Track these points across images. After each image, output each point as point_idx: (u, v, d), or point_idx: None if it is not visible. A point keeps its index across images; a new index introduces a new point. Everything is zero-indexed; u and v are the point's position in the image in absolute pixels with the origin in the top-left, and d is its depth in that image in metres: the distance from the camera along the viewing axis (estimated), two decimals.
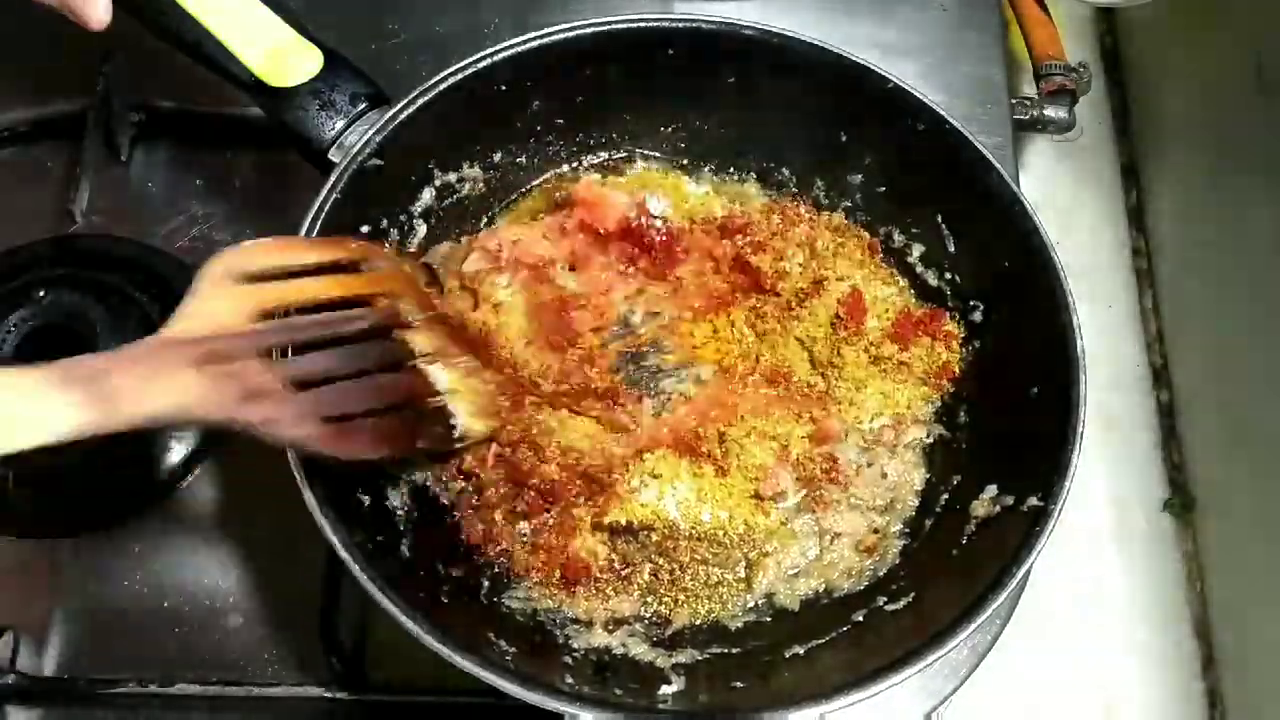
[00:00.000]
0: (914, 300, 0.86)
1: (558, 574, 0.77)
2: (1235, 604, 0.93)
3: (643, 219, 0.84)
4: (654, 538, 0.77)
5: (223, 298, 0.63)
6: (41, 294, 0.88)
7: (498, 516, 0.77)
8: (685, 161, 0.91)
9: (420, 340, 0.72)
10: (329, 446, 0.66)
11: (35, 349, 0.87)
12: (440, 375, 0.72)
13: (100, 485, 0.87)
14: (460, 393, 0.74)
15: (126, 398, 0.57)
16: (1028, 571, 0.66)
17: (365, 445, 0.68)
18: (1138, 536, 0.99)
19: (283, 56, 0.76)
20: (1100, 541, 0.98)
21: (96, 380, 0.56)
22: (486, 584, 0.76)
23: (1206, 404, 1.00)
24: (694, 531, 0.77)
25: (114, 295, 0.90)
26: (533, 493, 0.76)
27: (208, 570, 0.86)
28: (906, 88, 0.80)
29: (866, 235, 0.87)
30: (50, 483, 0.87)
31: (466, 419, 0.74)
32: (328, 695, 0.80)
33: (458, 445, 0.75)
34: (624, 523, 0.77)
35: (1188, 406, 1.02)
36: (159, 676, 0.80)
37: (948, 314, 0.83)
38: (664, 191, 0.89)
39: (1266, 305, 0.90)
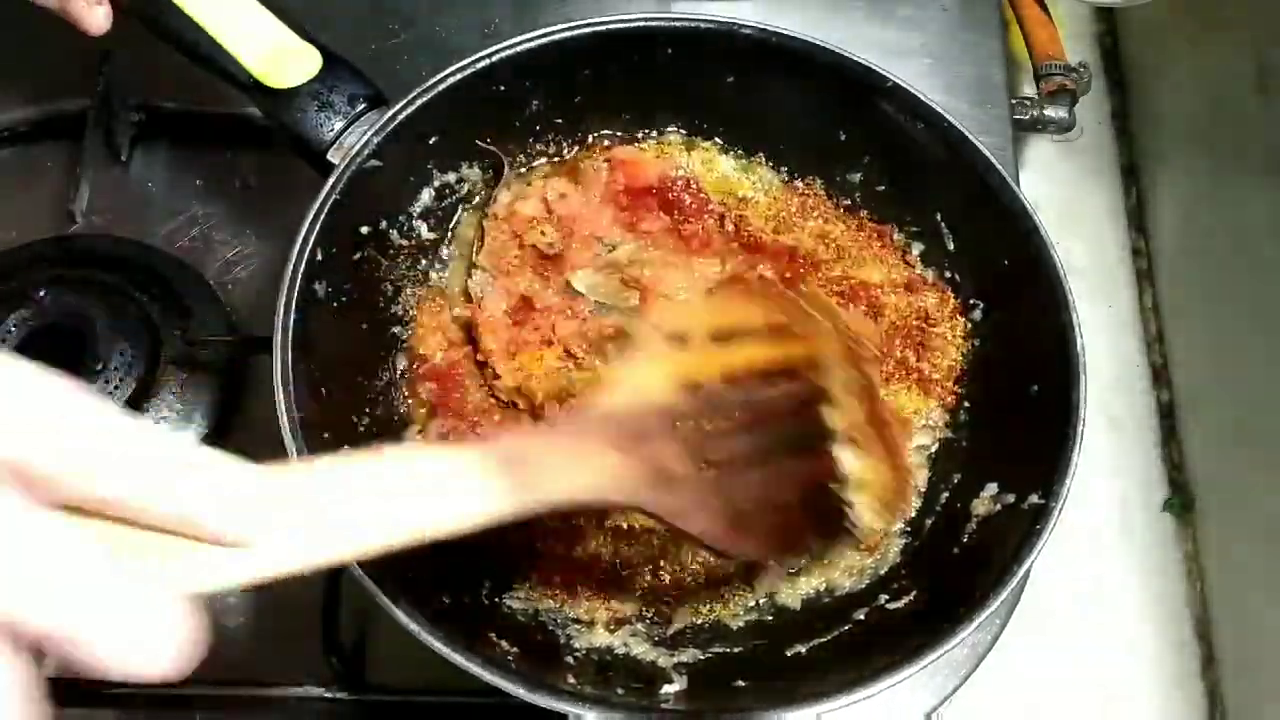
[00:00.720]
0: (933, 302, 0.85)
1: (559, 577, 0.77)
2: (1235, 604, 0.93)
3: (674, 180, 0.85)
4: (655, 541, 0.77)
5: (653, 364, 0.57)
6: (41, 294, 0.88)
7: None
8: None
9: (836, 416, 0.61)
10: (724, 544, 0.58)
11: (35, 349, 0.87)
12: (849, 460, 0.60)
13: None
14: (868, 483, 0.61)
15: (550, 484, 0.51)
16: (1028, 570, 0.66)
17: (760, 546, 0.61)
18: (1138, 536, 0.99)
19: (281, 57, 0.75)
20: (1100, 541, 0.98)
21: (527, 463, 0.51)
22: (488, 584, 0.76)
23: (1206, 404, 1.00)
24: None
25: (114, 295, 0.90)
26: None
27: None
28: (906, 86, 0.80)
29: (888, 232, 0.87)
30: None
31: (868, 514, 0.61)
32: (328, 695, 0.80)
33: (848, 545, 0.67)
34: (625, 526, 0.77)
35: (1188, 406, 1.02)
36: None
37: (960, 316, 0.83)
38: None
39: (1266, 305, 0.90)
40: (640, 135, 0.90)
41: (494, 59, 0.79)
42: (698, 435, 0.57)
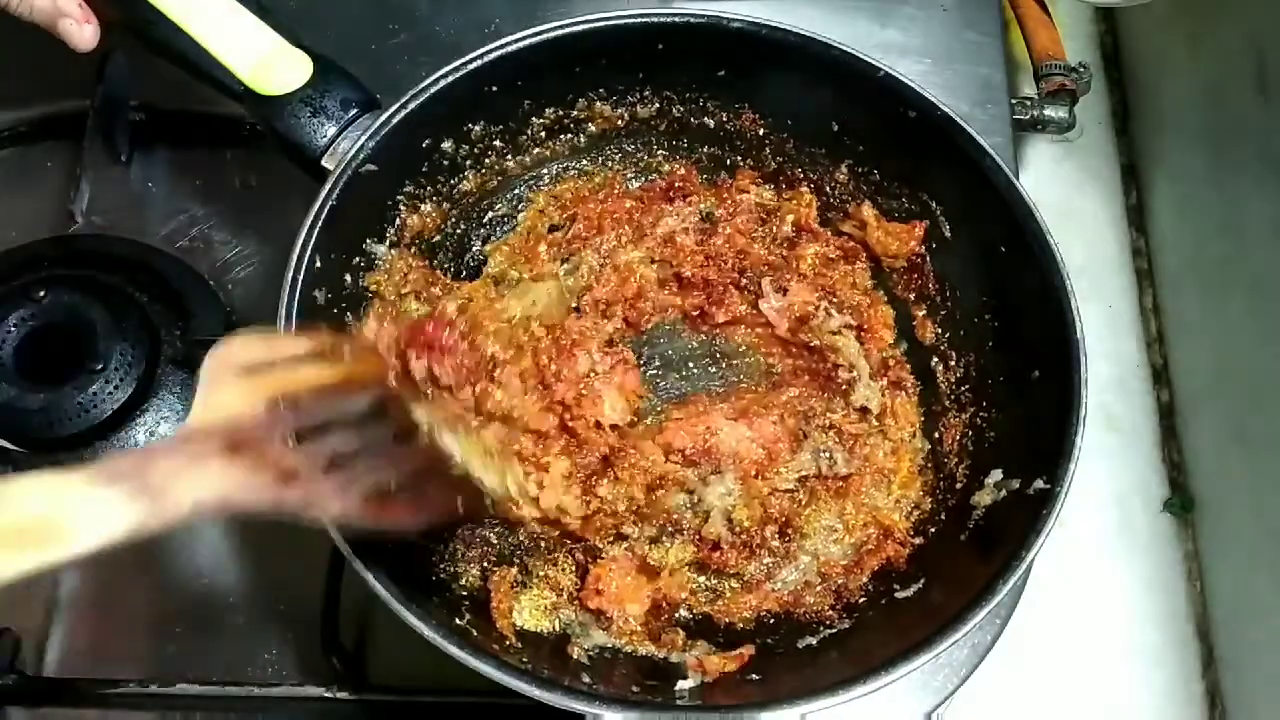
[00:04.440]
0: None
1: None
2: (1235, 604, 0.93)
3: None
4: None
5: (229, 391, 0.63)
6: (41, 294, 0.88)
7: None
8: (672, 152, 0.92)
9: (422, 410, 0.67)
10: (373, 518, 0.64)
11: (35, 349, 0.87)
12: (451, 443, 0.67)
13: None
14: (475, 453, 0.68)
15: (169, 489, 0.56)
16: (1034, 558, 0.66)
17: (406, 514, 0.67)
18: (1138, 536, 0.99)
19: (272, 65, 0.75)
20: (1100, 541, 0.98)
21: (138, 474, 0.56)
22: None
23: (1207, 404, 1.00)
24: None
25: (114, 295, 0.90)
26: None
27: (208, 570, 0.86)
28: (896, 75, 0.80)
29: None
30: None
31: (491, 483, 0.68)
32: (328, 695, 0.80)
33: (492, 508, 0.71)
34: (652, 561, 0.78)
35: (1188, 406, 1.02)
36: (159, 676, 0.80)
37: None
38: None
39: (1266, 305, 0.90)
40: (632, 132, 0.91)
41: (484, 60, 0.79)
42: (309, 438, 0.63)
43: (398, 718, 0.82)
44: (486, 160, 0.87)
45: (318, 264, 0.73)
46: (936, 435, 0.83)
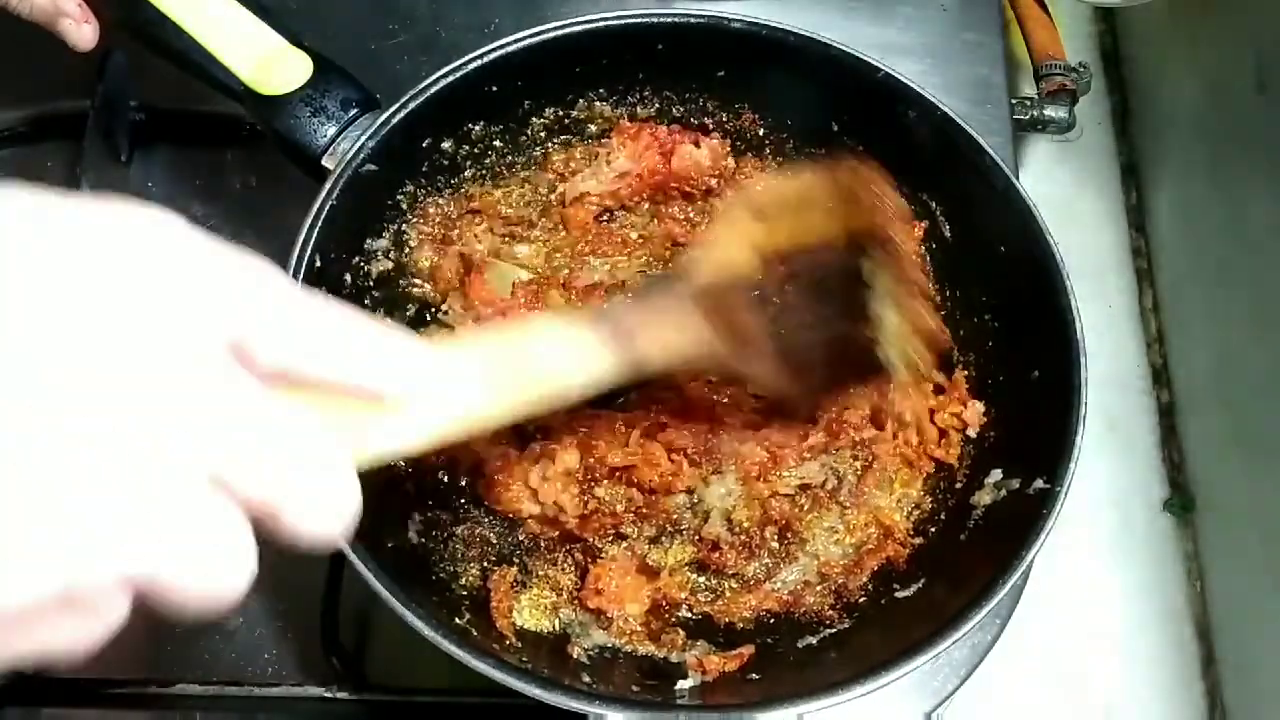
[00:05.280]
0: None
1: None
2: (1235, 604, 0.93)
3: None
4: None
5: (735, 240, 0.63)
6: None
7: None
8: None
9: (877, 276, 0.66)
10: (786, 389, 0.66)
11: None
12: (887, 316, 0.66)
13: None
14: (901, 334, 0.67)
15: (642, 336, 0.57)
16: (1034, 558, 0.66)
17: (812, 390, 0.68)
18: (1138, 536, 0.99)
19: (272, 64, 0.75)
20: (1100, 541, 0.98)
21: (633, 333, 0.57)
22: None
23: (1206, 404, 1.00)
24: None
25: None
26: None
27: None
28: (896, 75, 0.80)
29: None
30: None
31: (897, 355, 0.68)
32: (328, 695, 0.80)
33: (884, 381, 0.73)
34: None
35: (1188, 406, 1.02)
36: (159, 676, 0.80)
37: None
38: None
39: (1267, 305, 0.90)
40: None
41: (484, 60, 0.79)
42: (769, 306, 0.63)
43: (398, 718, 0.82)
44: (486, 160, 0.87)
45: (318, 263, 0.73)
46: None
